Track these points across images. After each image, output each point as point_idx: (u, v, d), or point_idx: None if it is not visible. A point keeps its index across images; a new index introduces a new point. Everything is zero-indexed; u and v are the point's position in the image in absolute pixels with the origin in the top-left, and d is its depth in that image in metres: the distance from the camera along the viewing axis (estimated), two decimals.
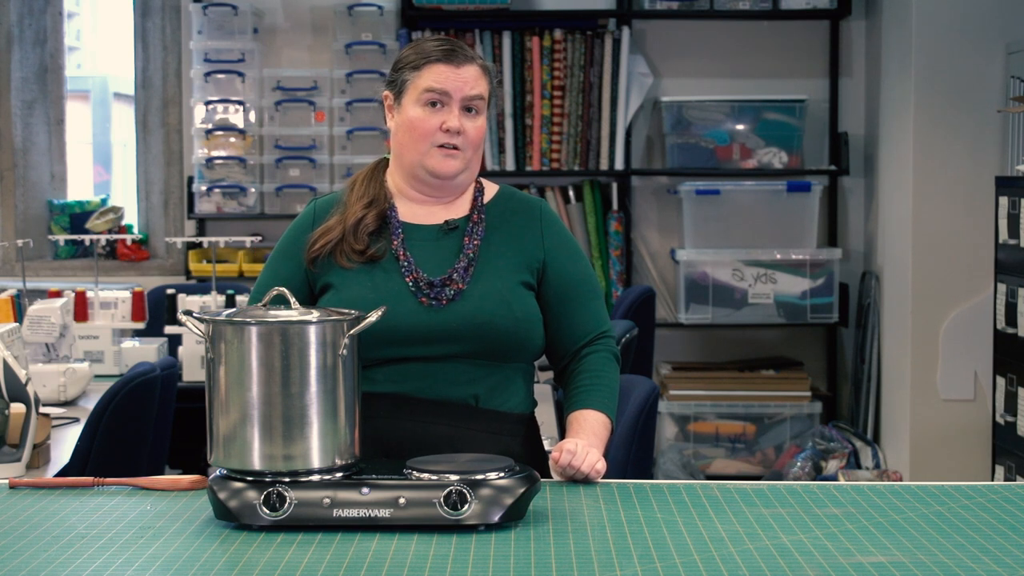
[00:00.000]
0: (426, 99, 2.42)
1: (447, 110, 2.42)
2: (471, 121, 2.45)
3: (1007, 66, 5.14)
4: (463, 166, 2.45)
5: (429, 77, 2.43)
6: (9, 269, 6.10)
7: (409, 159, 2.46)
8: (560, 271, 2.49)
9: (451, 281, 2.40)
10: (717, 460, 5.74)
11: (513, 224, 2.50)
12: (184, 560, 1.87)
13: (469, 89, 2.43)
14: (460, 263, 2.42)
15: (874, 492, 2.22)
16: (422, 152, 2.43)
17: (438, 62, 2.43)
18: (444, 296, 2.39)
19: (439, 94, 2.42)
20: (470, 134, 2.44)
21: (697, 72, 5.99)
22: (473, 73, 2.44)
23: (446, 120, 2.42)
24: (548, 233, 2.52)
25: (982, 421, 5.06)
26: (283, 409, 2.03)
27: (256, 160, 5.86)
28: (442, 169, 2.43)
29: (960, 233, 5.23)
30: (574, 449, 2.29)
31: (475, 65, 2.45)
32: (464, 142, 2.44)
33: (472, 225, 2.47)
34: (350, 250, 2.42)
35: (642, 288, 5.08)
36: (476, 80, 2.44)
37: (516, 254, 2.47)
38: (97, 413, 3.18)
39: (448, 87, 2.42)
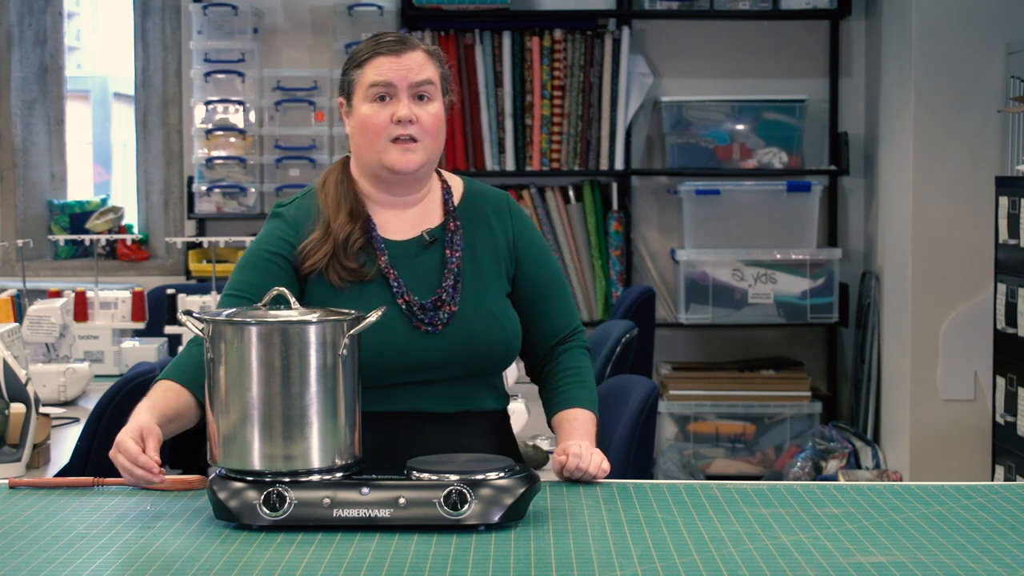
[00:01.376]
0: (373, 94, 2.36)
1: (396, 101, 2.36)
2: (423, 108, 2.37)
3: (1007, 66, 5.14)
4: (423, 158, 2.38)
5: (372, 71, 2.37)
6: (9, 269, 6.10)
7: (368, 159, 2.40)
8: (533, 270, 2.49)
9: (443, 303, 2.37)
10: (717, 460, 5.74)
11: (486, 226, 2.47)
12: (184, 560, 1.87)
13: (415, 75, 2.37)
14: (447, 280, 2.39)
15: (874, 492, 2.22)
16: (378, 150, 2.37)
17: (379, 55, 2.38)
18: (439, 320, 2.36)
19: (384, 86, 2.36)
20: (425, 121, 2.37)
21: (697, 72, 5.99)
22: (417, 59, 2.38)
23: (396, 111, 2.35)
24: (518, 231, 2.50)
25: (982, 421, 5.06)
26: (283, 409, 2.03)
27: (256, 160, 5.86)
28: (401, 165, 2.37)
29: (960, 233, 5.23)
30: (580, 452, 2.29)
31: (418, 51, 2.39)
32: (419, 131, 2.37)
33: (449, 234, 2.43)
34: (341, 268, 2.36)
35: (642, 288, 5.08)
36: (421, 65, 2.38)
37: (494, 260, 2.45)
38: (97, 413, 3.18)
39: (391, 77, 2.36)
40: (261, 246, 2.41)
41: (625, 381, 2.96)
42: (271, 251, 2.39)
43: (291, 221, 2.41)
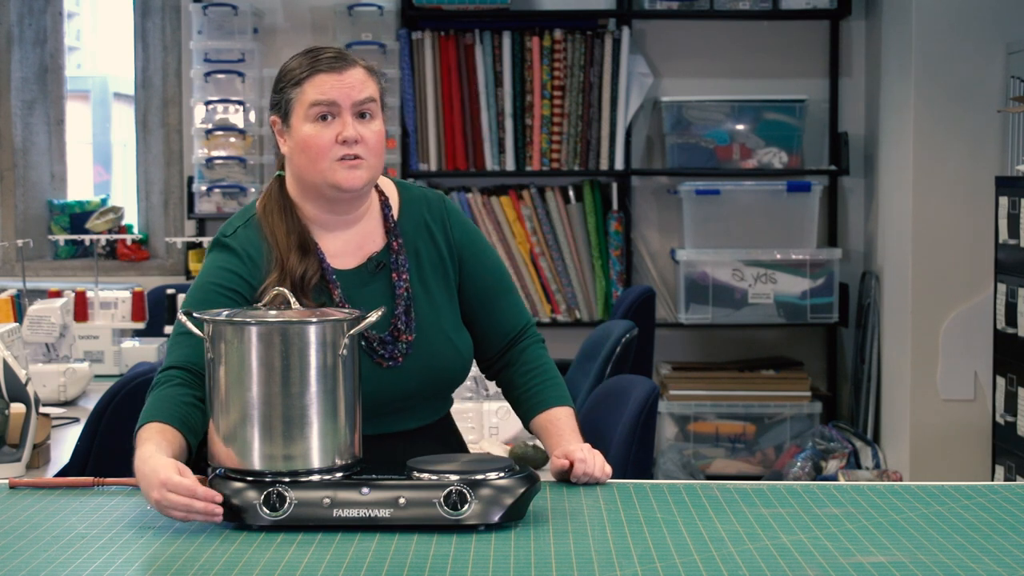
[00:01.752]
0: (315, 114, 2.30)
1: (339, 121, 2.29)
2: (367, 126, 2.31)
3: (1007, 66, 5.14)
4: (368, 176, 2.32)
5: (312, 91, 2.30)
6: (9, 269, 6.10)
7: (312, 179, 2.32)
8: (477, 271, 2.46)
9: (399, 332, 2.34)
10: (717, 460, 5.74)
11: (427, 236, 2.42)
12: (184, 560, 1.87)
13: (357, 93, 2.30)
14: (399, 308, 2.35)
15: (874, 492, 2.22)
16: (323, 169, 2.30)
17: (319, 72, 2.30)
18: (399, 353, 2.33)
19: (327, 106, 2.29)
20: (369, 140, 2.31)
21: (697, 72, 5.99)
22: (358, 76, 2.31)
23: (341, 131, 2.29)
24: (457, 234, 2.45)
25: (982, 421, 5.06)
26: (283, 409, 2.03)
27: (256, 160, 5.86)
28: (348, 183, 2.30)
29: (960, 233, 5.23)
30: (585, 457, 2.29)
31: (358, 68, 2.32)
32: (365, 150, 2.30)
33: (394, 256, 2.38)
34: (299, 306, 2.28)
35: (642, 288, 5.08)
36: (363, 83, 2.31)
37: (441, 273, 2.42)
38: (97, 413, 3.18)
39: (335, 96, 2.29)
40: (213, 281, 2.31)
41: (625, 381, 2.96)
42: (225, 286, 2.30)
43: (242, 255, 2.33)
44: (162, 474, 2.00)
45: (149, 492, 2.01)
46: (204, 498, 1.99)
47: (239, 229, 2.36)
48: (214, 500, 1.99)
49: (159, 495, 1.99)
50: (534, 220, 5.85)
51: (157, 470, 2.01)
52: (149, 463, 2.03)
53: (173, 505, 1.99)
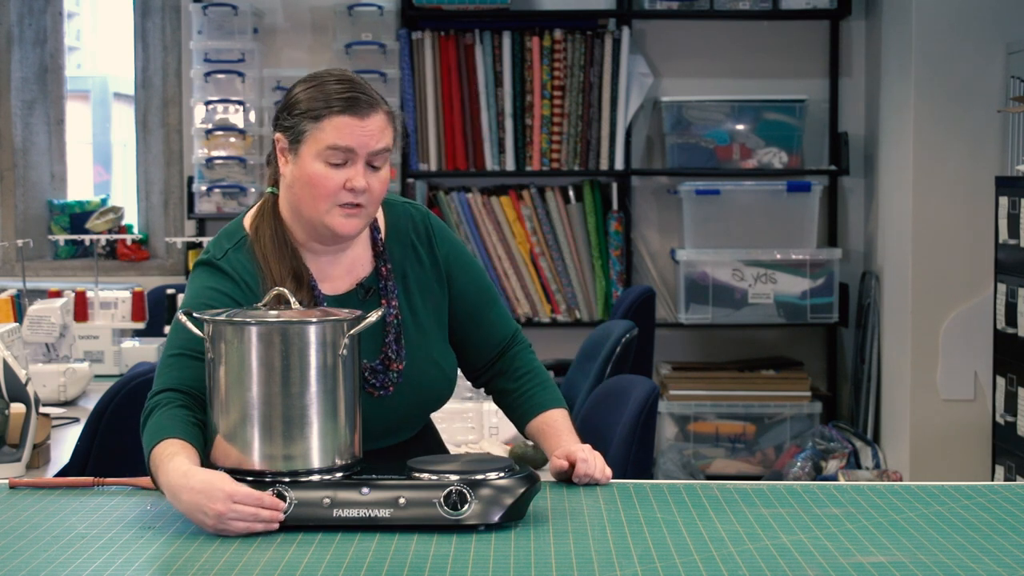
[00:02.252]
0: (329, 156, 2.22)
1: (351, 168, 2.22)
2: (376, 176, 2.25)
3: (1007, 66, 5.14)
4: (365, 222, 2.28)
5: (332, 132, 2.21)
6: (9, 269, 6.10)
7: (309, 215, 2.26)
8: (464, 286, 2.44)
9: (390, 361, 2.32)
10: (717, 460, 5.74)
11: (414, 257, 2.40)
12: (184, 560, 1.87)
13: (375, 143, 2.23)
14: (389, 336, 2.33)
15: (874, 492, 2.22)
16: (322, 211, 2.24)
17: (340, 113, 2.21)
18: (389, 382, 2.31)
19: (344, 152, 2.21)
20: (375, 190, 2.25)
21: (697, 72, 5.99)
22: (379, 124, 2.24)
23: (351, 178, 2.22)
24: (442, 249, 2.42)
25: (982, 421, 5.06)
26: (283, 409, 2.03)
27: (256, 160, 5.86)
28: (344, 230, 2.25)
29: (960, 233, 5.23)
30: (587, 458, 2.28)
31: (380, 113, 2.24)
32: (368, 198, 2.25)
33: (383, 282, 2.35)
34: None
35: (642, 288, 5.08)
36: (382, 132, 2.24)
37: (429, 295, 2.40)
38: (97, 413, 3.18)
39: (353, 143, 2.21)
40: (204, 302, 2.23)
41: (625, 381, 2.96)
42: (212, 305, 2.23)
43: (237, 279, 2.27)
44: (227, 486, 1.96)
45: (209, 504, 1.95)
46: (270, 506, 1.98)
47: (230, 252, 2.30)
48: (277, 507, 1.97)
49: (224, 507, 1.95)
50: (534, 220, 5.85)
51: (215, 482, 1.97)
52: (197, 476, 1.98)
53: (241, 516, 1.95)
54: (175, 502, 2.00)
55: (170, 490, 2.00)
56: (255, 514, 1.96)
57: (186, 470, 2.00)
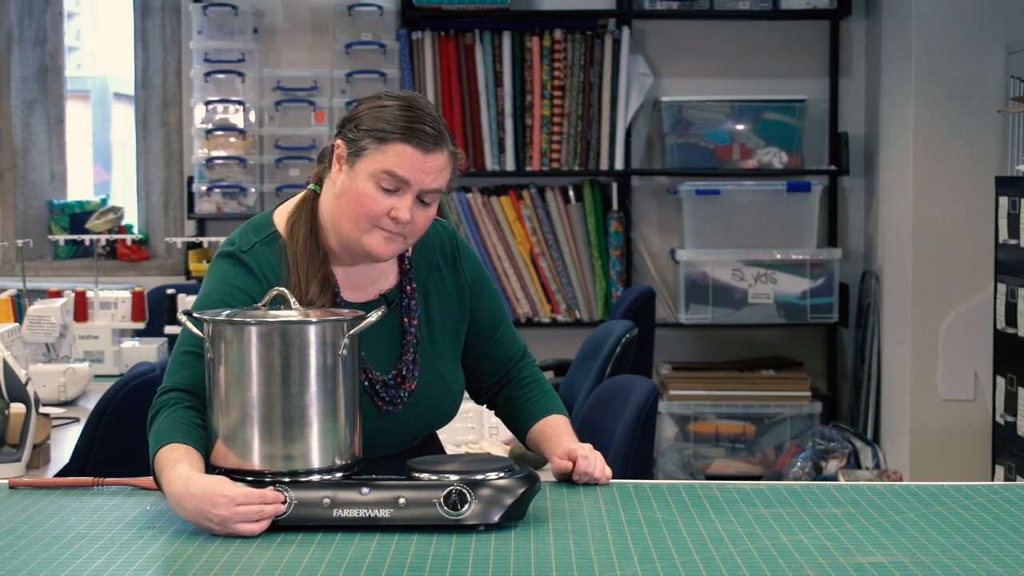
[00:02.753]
0: (383, 180, 2.19)
1: (401, 197, 2.20)
2: (422, 211, 2.23)
3: (1007, 66, 5.14)
4: (401, 249, 2.26)
5: (392, 159, 2.18)
6: (9, 269, 6.10)
7: (346, 231, 2.23)
8: (481, 309, 2.44)
9: (403, 379, 2.30)
10: (717, 460, 5.74)
11: (438, 277, 2.39)
12: (184, 560, 1.87)
13: (431, 181, 2.21)
14: (407, 354, 2.32)
15: (874, 492, 2.22)
16: (361, 230, 2.21)
17: (405, 142, 2.19)
18: (399, 399, 2.30)
19: (399, 181, 2.19)
20: (419, 224, 2.24)
21: (697, 72, 5.99)
22: (439, 162, 2.22)
23: (397, 208, 2.19)
24: (467, 271, 2.42)
25: (982, 421, 5.06)
26: (283, 409, 2.03)
27: (256, 160, 5.86)
28: (379, 253, 2.23)
29: (960, 233, 5.23)
30: (588, 455, 2.28)
31: (444, 152, 2.23)
32: (410, 231, 2.23)
33: (406, 299, 2.34)
34: None
35: (642, 288, 5.08)
36: (440, 171, 2.23)
37: (448, 315, 2.39)
38: (97, 413, 3.18)
39: (410, 175, 2.18)
40: (223, 300, 2.22)
41: (625, 381, 2.96)
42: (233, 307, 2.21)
43: (259, 276, 2.25)
44: (228, 490, 1.96)
45: (213, 510, 1.95)
46: (272, 501, 1.97)
47: (257, 246, 2.28)
48: (278, 500, 1.98)
49: (228, 511, 1.94)
50: (534, 220, 5.85)
51: (215, 487, 1.96)
52: (199, 482, 1.98)
53: (248, 517, 1.95)
54: (180, 511, 2.00)
55: (173, 499, 2.00)
56: (260, 511, 1.96)
57: (187, 477, 1.99)
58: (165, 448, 2.06)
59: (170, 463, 2.03)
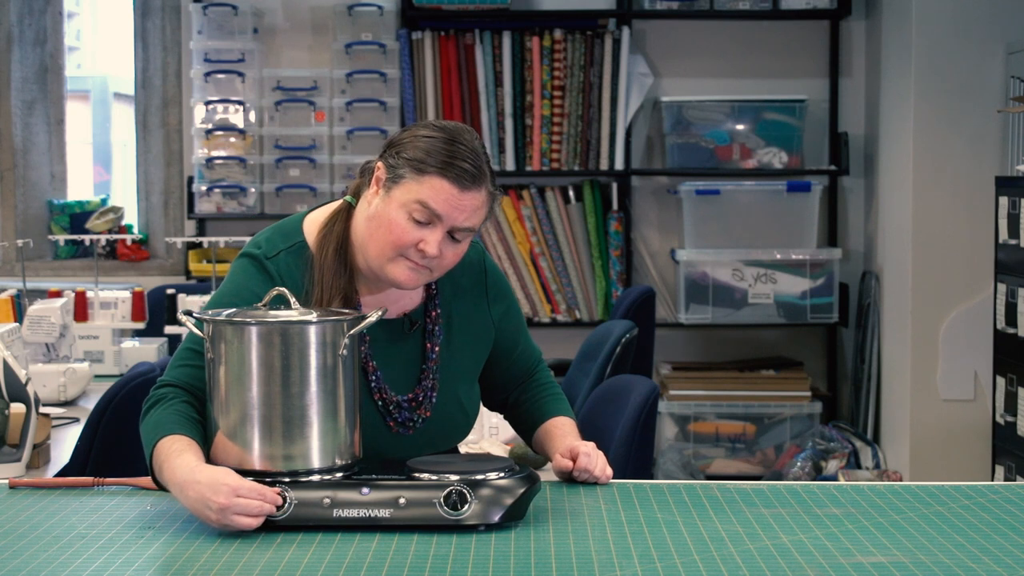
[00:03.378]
0: (415, 211, 2.16)
1: (432, 231, 2.17)
2: (452, 247, 2.20)
3: (1007, 66, 5.14)
4: (426, 280, 2.24)
5: (427, 191, 2.15)
6: (9, 269, 6.10)
7: (373, 255, 2.21)
8: (506, 333, 2.43)
9: (418, 404, 2.29)
10: (717, 460, 5.74)
11: (464, 301, 2.37)
12: (184, 560, 1.87)
13: (464, 220, 2.17)
14: (426, 380, 2.30)
15: (874, 492, 2.22)
16: (388, 257, 2.19)
17: (443, 176, 2.15)
18: (412, 423, 2.29)
19: (431, 213, 2.16)
20: (447, 260, 2.21)
21: (697, 72, 5.99)
22: (476, 201, 2.18)
23: (426, 241, 2.17)
24: (493, 297, 2.40)
25: (982, 421, 5.06)
26: (283, 409, 2.03)
27: (256, 160, 5.86)
28: (404, 282, 2.21)
29: (960, 233, 5.23)
30: (589, 452, 2.29)
31: (482, 191, 2.18)
32: (437, 264, 2.21)
33: (430, 324, 2.32)
34: None
35: (642, 288, 5.08)
36: (475, 210, 2.18)
37: (474, 347, 2.37)
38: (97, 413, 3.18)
39: (443, 210, 2.15)
40: (237, 302, 2.21)
41: (625, 381, 2.96)
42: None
43: (277, 282, 2.23)
44: (231, 480, 1.95)
45: (213, 498, 1.94)
46: (271, 501, 1.97)
47: (283, 253, 2.26)
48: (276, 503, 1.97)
49: (227, 500, 1.94)
50: (534, 220, 5.85)
51: (219, 476, 1.96)
52: (205, 471, 1.98)
53: (246, 509, 1.95)
54: (181, 497, 1.99)
55: (177, 485, 2.00)
56: (259, 507, 1.96)
57: (194, 466, 1.99)
58: (168, 438, 2.06)
59: (176, 452, 2.03)
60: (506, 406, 2.52)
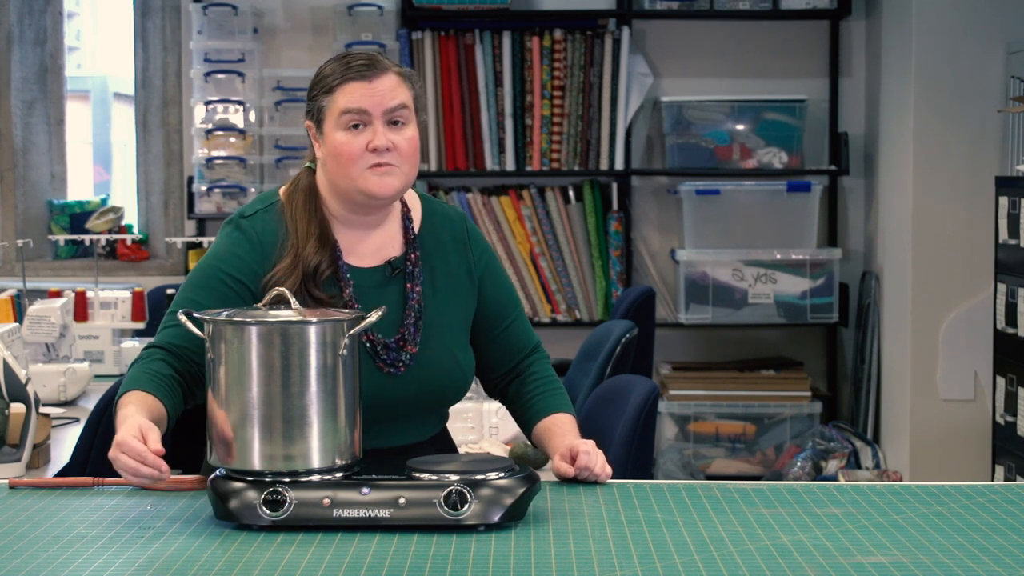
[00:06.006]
0: (346, 122, 2.30)
1: (371, 129, 2.29)
2: (399, 133, 2.31)
3: (1007, 66, 5.14)
4: (401, 183, 2.33)
5: (344, 98, 2.30)
6: (9, 269, 6.10)
7: (344, 186, 2.33)
8: (491, 294, 2.47)
9: (404, 342, 2.34)
10: (717, 460, 5.74)
11: (446, 253, 2.44)
12: (184, 560, 1.87)
13: (388, 101, 2.29)
14: (408, 318, 2.36)
15: (874, 492, 2.22)
16: (355, 176, 2.30)
17: (350, 80, 2.30)
18: (400, 362, 2.34)
19: (357, 114, 2.29)
20: (402, 147, 2.31)
21: (697, 72, 5.99)
22: (389, 83, 2.31)
23: (372, 139, 2.29)
24: (475, 254, 2.47)
25: (982, 421, 5.06)
26: (283, 409, 2.03)
27: (256, 160, 5.86)
28: (380, 191, 2.31)
29: (960, 233, 5.23)
30: (589, 450, 2.29)
31: (390, 74, 2.32)
32: (397, 157, 2.31)
33: (411, 267, 2.39)
34: (309, 297, 2.30)
35: (642, 288, 5.08)
36: (394, 90, 2.31)
37: (456, 294, 2.43)
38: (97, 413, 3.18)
39: (365, 104, 2.29)
40: (219, 265, 2.33)
41: (625, 381, 2.96)
42: (230, 275, 2.32)
43: (255, 241, 2.34)
44: (122, 434, 2.04)
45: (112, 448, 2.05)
46: (152, 464, 2.02)
47: (259, 212, 2.38)
48: (160, 468, 2.03)
49: (113, 453, 2.04)
50: (534, 220, 5.85)
51: (122, 430, 2.06)
52: (123, 424, 2.08)
53: (122, 466, 2.03)
54: None
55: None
56: (135, 468, 2.02)
57: (124, 417, 2.09)
58: (125, 395, 2.16)
59: (122, 405, 2.14)
60: (505, 395, 2.53)
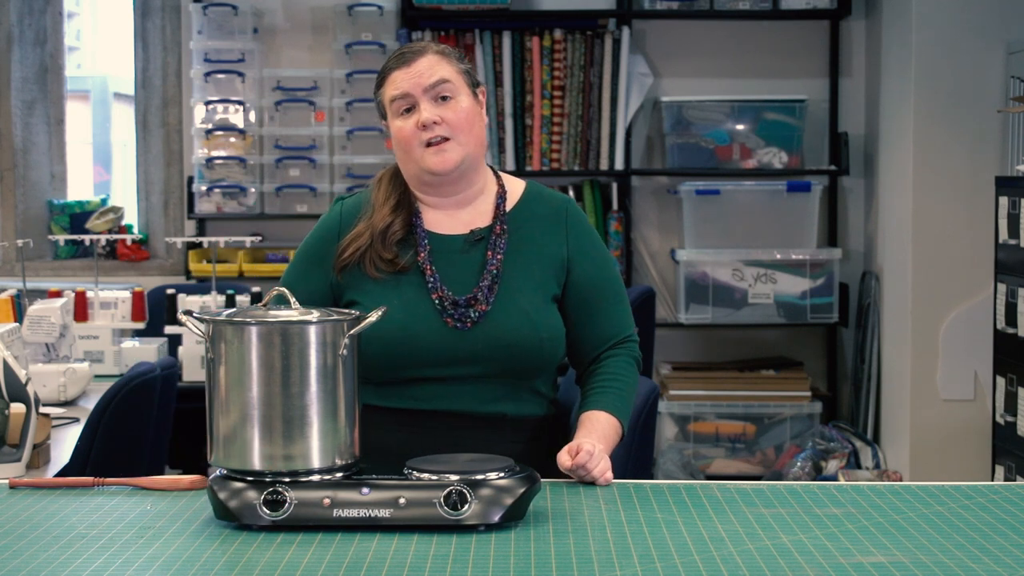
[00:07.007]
0: (397, 109, 2.44)
1: (417, 109, 2.42)
2: (446, 107, 2.42)
3: (1007, 66, 5.14)
4: (459, 155, 2.42)
5: (390, 88, 2.44)
6: (9, 269, 6.10)
7: (409, 169, 2.46)
8: (583, 274, 2.49)
9: (475, 301, 2.39)
10: (717, 460, 5.74)
11: (537, 230, 2.48)
12: (184, 560, 1.87)
13: (427, 79, 2.41)
14: (484, 280, 2.41)
15: (874, 492, 2.22)
16: (416, 158, 2.43)
17: (392, 70, 2.45)
18: (469, 318, 2.38)
19: (403, 98, 2.43)
20: (451, 119, 2.41)
21: (697, 72, 5.99)
22: (427, 63, 2.43)
23: (419, 118, 2.41)
24: (573, 235, 2.50)
25: (982, 421, 5.06)
26: (283, 409, 2.03)
27: (256, 160, 5.86)
28: (438, 166, 2.42)
29: (960, 233, 5.23)
30: (593, 451, 2.27)
31: (428, 55, 2.44)
32: (448, 130, 2.41)
33: (495, 237, 2.45)
34: (378, 258, 2.41)
35: (642, 288, 5.08)
36: (432, 67, 2.42)
37: (541, 265, 2.46)
38: (97, 413, 3.18)
39: (406, 87, 2.42)
40: (311, 248, 2.51)
41: None
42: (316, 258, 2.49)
43: (345, 215, 2.50)
44: None
45: None
46: None
47: (356, 192, 2.56)
48: None
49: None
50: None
51: None
52: None
53: None
54: None
55: None
56: None
57: None
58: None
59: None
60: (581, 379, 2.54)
